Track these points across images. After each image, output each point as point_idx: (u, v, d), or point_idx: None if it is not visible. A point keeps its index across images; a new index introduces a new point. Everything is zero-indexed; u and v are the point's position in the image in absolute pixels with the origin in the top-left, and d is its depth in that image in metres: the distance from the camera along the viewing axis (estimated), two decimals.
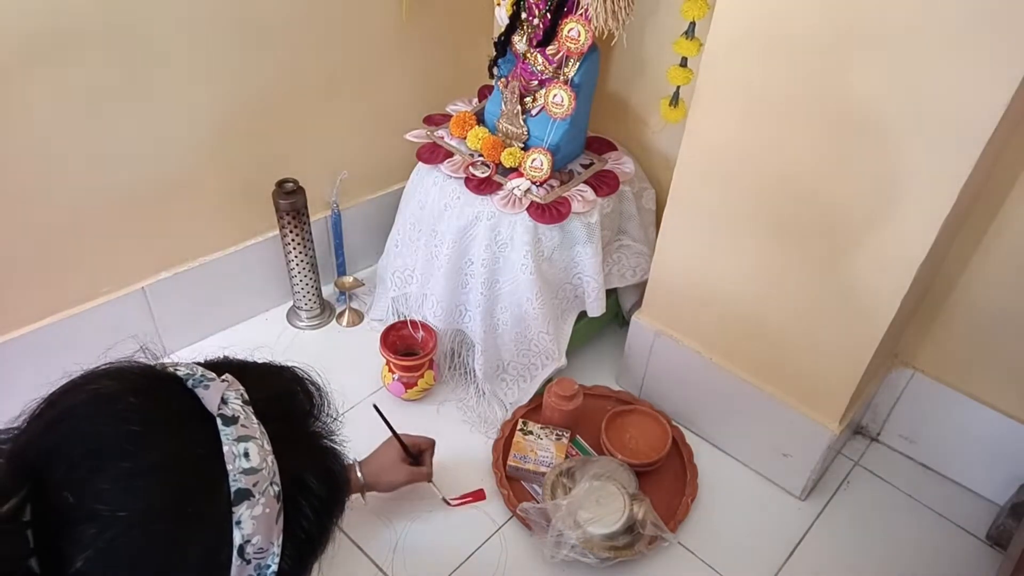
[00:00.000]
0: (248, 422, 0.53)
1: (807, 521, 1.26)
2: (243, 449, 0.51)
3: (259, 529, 0.50)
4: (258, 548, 0.50)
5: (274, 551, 0.51)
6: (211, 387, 0.54)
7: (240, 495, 0.50)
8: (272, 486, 0.51)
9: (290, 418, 0.59)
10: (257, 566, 0.51)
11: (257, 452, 0.51)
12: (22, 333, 1.23)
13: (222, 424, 0.51)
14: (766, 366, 1.24)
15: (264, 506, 0.50)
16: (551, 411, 1.30)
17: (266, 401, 0.56)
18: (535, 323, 1.31)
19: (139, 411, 0.51)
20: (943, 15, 0.84)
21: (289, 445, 0.55)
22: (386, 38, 1.45)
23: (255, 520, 0.50)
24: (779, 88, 1.01)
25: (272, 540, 0.51)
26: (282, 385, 0.61)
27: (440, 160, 1.34)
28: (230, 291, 1.48)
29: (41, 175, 1.14)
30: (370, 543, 1.17)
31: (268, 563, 0.51)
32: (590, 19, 1.17)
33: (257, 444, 0.52)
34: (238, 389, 0.55)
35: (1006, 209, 1.10)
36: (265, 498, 0.50)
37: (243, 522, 0.49)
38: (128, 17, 1.11)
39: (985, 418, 1.25)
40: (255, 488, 0.50)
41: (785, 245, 1.11)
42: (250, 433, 0.52)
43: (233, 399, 0.53)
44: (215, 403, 0.52)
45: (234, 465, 0.50)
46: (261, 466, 0.51)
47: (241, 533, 0.49)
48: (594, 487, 1.15)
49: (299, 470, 0.55)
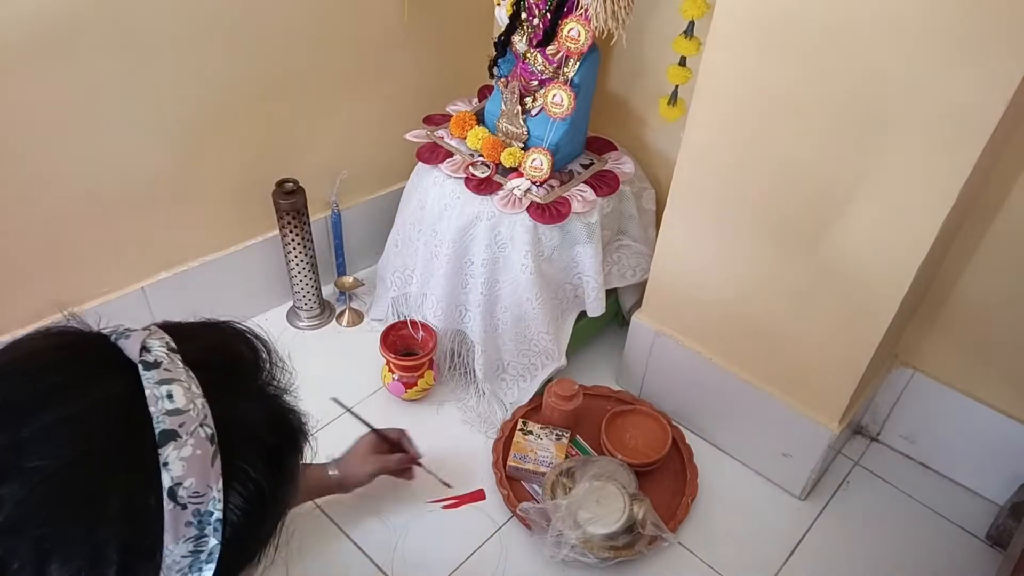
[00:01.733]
0: (172, 366, 0.52)
1: (807, 521, 1.26)
2: (166, 391, 0.50)
3: (191, 471, 0.48)
4: (193, 491, 0.48)
5: (214, 496, 0.49)
6: (131, 337, 0.53)
7: (165, 436, 0.48)
8: (203, 428, 0.50)
9: (229, 368, 0.57)
10: (196, 512, 0.49)
11: (183, 394, 0.50)
12: (22, 333, 1.22)
13: (143, 369, 0.51)
14: (766, 366, 1.24)
15: (194, 447, 0.49)
16: (551, 411, 1.30)
17: (199, 351, 0.55)
18: (535, 323, 1.31)
19: (60, 364, 0.51)
20: (943, 14, 0.84)
21: (227, 392, 0.54)
22: (386, 38, 1.45)
23: (184, 461, 0.48)
24: (779, 88, 1.01)
25: (209, 484, 0.49)
26: (217, 338, 0.60)
27: (440, 160, 1.34)
28: (230, 291, 1.48)
29: (41, 175, 1.14)
30: (370, 543, 1.17)
31: (209, 509, 0.49)
32: (590, 19, 1.17)
33: (183, 386, 0.51)
34: (162, 338, 0.54)
35: (1006, 209, 1.10)
36: (195, 439, 0.49)
37: (171, 463, 0.48)
38: (127, 17, 1.11)
39: (985, 418, 1.25)
40: (182, 428, 0.49)
41: (785, 244, 1.11)
42: (174, 376, 0.51)
43: (157, 347, 0.53)
44: (136, 351, 0.52)
45: (157, 407, 0.49)
46: (188, 408, 0.50)
47: (170, 475, 0.48)
48: (594, 487, 1.15)
49: (238, 415, 0.53)
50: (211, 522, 0.49)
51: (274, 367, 0.61)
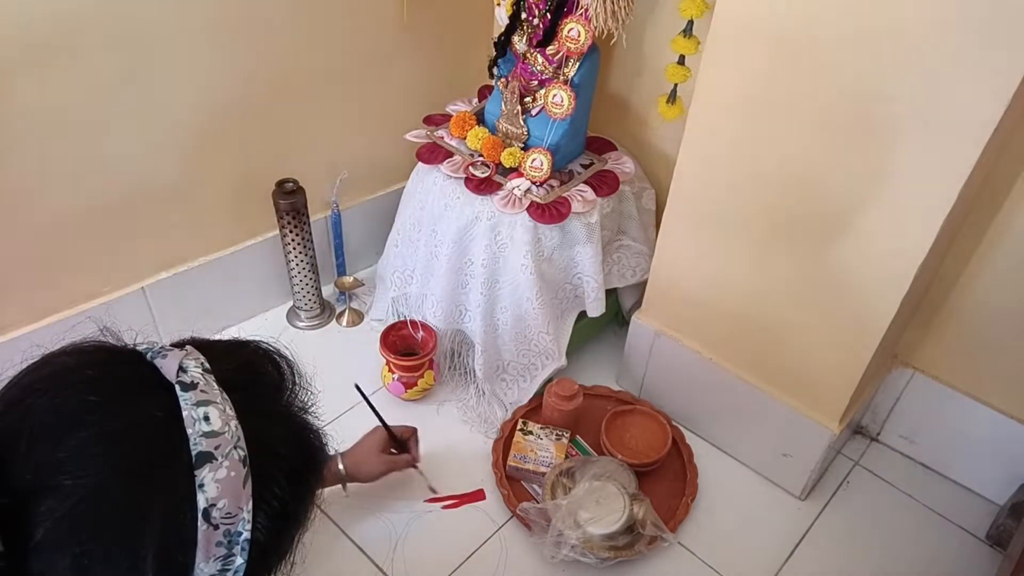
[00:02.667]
0: (208, 388, 0.52)
1: (807, 521, 1.26)
2: (203, 413, 0.50)
3: (224, 492, 0.49)
4: (225, 512, 0.49)
5: (244, 517, 0.50)
6: (169, 356, 0.53)
7: (202, 458, 0.49)
8: (236, 450, 0.50)
9: (256, 388, 0.58)
10: (227, 532, 0.50)
11: (218, 416, 0.51)
12: (22, 333, 1.23)
13: (180, 390, 0.51)
14: (766, 366, 1.24)
15: (228, 469, 0.50)
16: (551, 411, 1.30)
17: (230, 371, 0.56)
18: (535, 323, 1.31)
19: (96, 383, 0.51)
20: (944, 13, 0.84)
21: (255, 413, 0.54)
22: (386, 38, 1.45)
23: (219, 483, 0.49)
24: (778, 87, 1.01)
25: (240, 505, 0.50)
26: (247, 357, 0.61)
27: (440, 160, 1.34)
28: (230, 291, 1.48)
29: (41, 175, 1.14)
30: (370, 543, 1.17)
31: (239, 529, 0.50)
32: (590, 19, 1.17)
33: (218, 408, 0.51)
34: (198, 358, 0.55)
35: (1006, 209, 1.10)
36: (229, 461, 0.50)
37: (206, 485, 0.49)
38: (127, 17, 1.11)
39: (985, 418, 1.25)
40: (217, 451, 0.50)
41: (785, 244, 1.11)
42: (210, 398, 0.51)
43: (193, 367, 0.53)
44: (173, 371, 0.52)
45: (194, 429, 0.50)
46: (223, 430, 0.50)
47: (205, 496, 0.49)
48: (594, 487, 1.15)
49: (267, 437, 0.54)
50: (239, 542, 0.51)
51: (297, 386, 0.62)
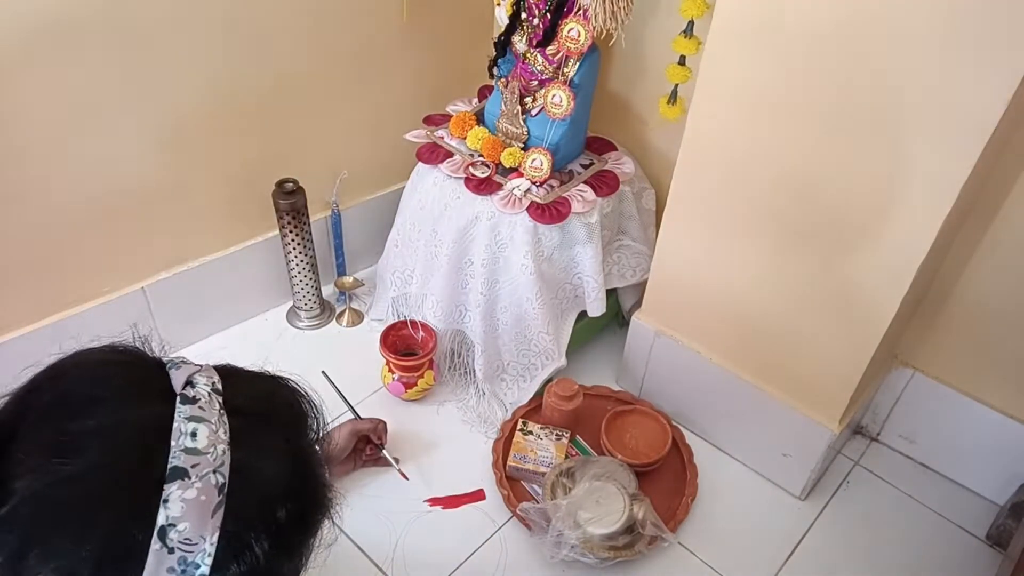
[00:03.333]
0: (208, 406, 0.52)
1: (807, 521, 1.26)
2: (191, 428, 0.50)
3: (188, 515, 0.47)
4: (184, 537, 0.47)
5: (205, 548, 0.47)
6: (182, 368, 0.54)
7: (175, 473, 0.47)
8: (215, 474, 0.49)
9: (265, 424, 0.56)
10: (182, 559, 0.46)
11: (206, 436, 0.50)
12: (22, 333, 1.23)
13: (180, 402, 0.51)
14: (766, 366, 1.24)
15: (200, 492, 0.47)
16: (551, 411, 1.30)
17: (245, 398, 0.55)
18: (535, 323, 1.31)
19: (111, 379, 0.53)
20: (944, 13, 0.84)
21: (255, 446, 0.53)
22: (386, 38, 1.45)
23: (185, 504, 0.47)
24: (779, 87, 1.01)
25: (204, 535, 0.47)
26: (267, 388, 0.60)
27: (440, 160, 1.34)
28: (230, 291, 1.48)
29: (41, 175, 1.14)
30: (370, 543, 1.16)
31: (196, 561, 0.47)
32: (590, 19, 1.17)
33: (209, 427, 0.50)
34: (210, 376, 0.54)
35: (1006, 209, 1.10)
36: (202, 483, 0.48)
37: (171, 502, 0.47)
38: (127, 16, 1.11)
39: (985, 418, 1.25)
40: (193, 470, 0.48)
41: (785, 244, 1.11)
42: (205, 416, 0.51)
43: (202, 384, 0.53)
44: (181, 382, 0.53)
45: (177, 442, 0.49)
46: (207, 450, 0.49)
47: (166, 513, 0.47)
48: (594, 487, 1.15)
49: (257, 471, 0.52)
50: (195, 574, 0.47)
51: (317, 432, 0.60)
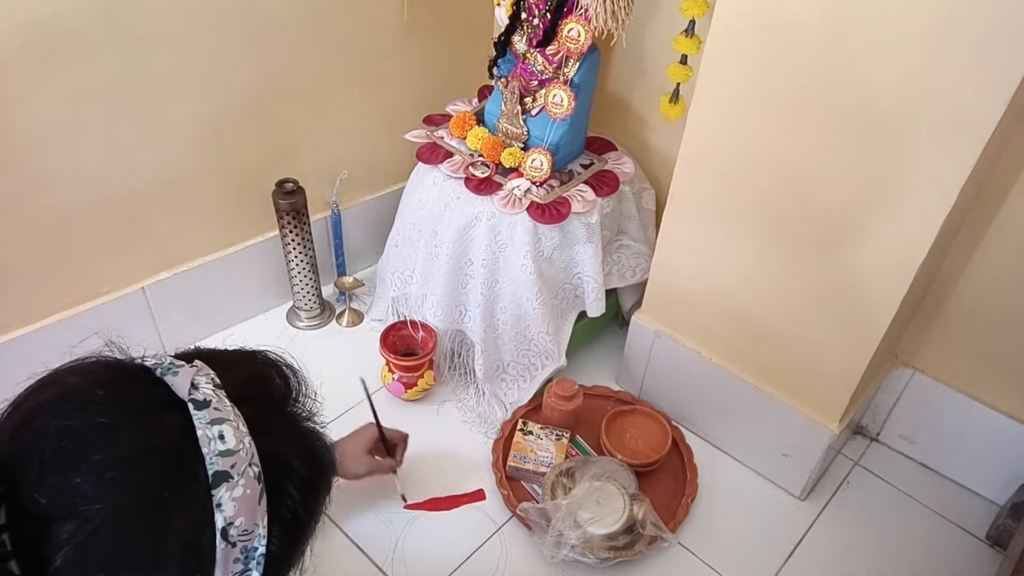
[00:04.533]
0: (221, 405, 0.52)
1: (807, 521, 1.26)
2: (218, 432, 0.51)
3: (241, 511, 0.50)
4: (243, 530, 0.50)
5: (260, 533, 0.51)
6: (180, 373, 0.53)
7: (219, 477, 0.49)
8: (251, 467, 0.51)
9: (266, 401, 0.59)
10: (244, 549, 0.50)
11: (233, 434, 0.51)
12: (22, 333, 1.23)
13: (194, 408, 0.51)
14: (766, 366, 1.24)
15: (244, 487, 0.50)
16: (551, 411, 1.30)
17: (239, 385, 0.56)
18: (535, 323, 1.31)
19: (107, 403, 0.51)
20: (944, 13, 0.84)
21: (266, 427, 0.55)
22: (386, 38, 1.45)
23: (236, 502, 0.49)
24: (779, 87, 1.01)
25: (256, 522, 0.51)
26: (255, 369, 0.61)
27: (440, 160, 1.34)
28: (230, 291, 1.48)
29: (41, 175, 1.14)
30: (370, 543, 1.17)
31: (255, 545, 0.51)
32: (590, 19, 1.17)
33: (232, 426, 0.51)
34: (208, 374, 0.55)
35: (1006, 209, 1.10)
36: (245, 479, 0.50)
37: (224, 504, 0.49)
38: (128, 17, 1.11)
39: (985, 418, 1.25)
40: (233, 470, 0.50)
41: (785, 244, 1.11)
42: (224, 415, 0.52)
43: (204, 384, 0.53)
44: (185, 389, 0.52)
45: (209, 448, 0.50)
46: (238, 448, 0.51)
47: (223, 516, 0.49)
48: (594, 487, 1.15)
49: (279, 451, 0.55)
50: (256, 556, 0.51)
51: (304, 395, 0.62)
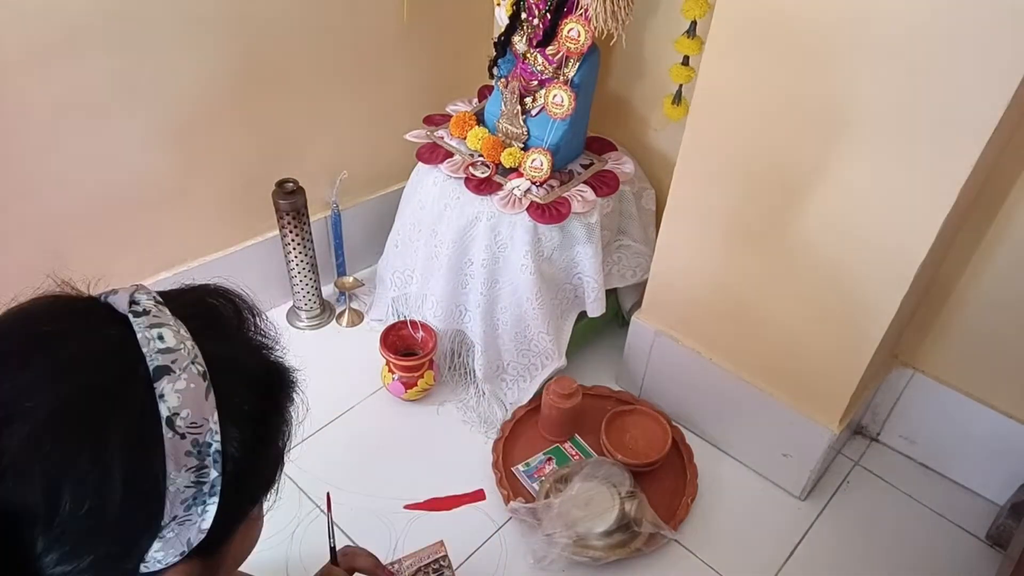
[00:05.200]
0: (160, 313, 0.54)
1: (807, 521, 1.26)
2: (156, 333, 0.52)
3: (186, 402, 0.50)
4: (191, 422, 0.50)
5: (211, 428, 0.51)
6: (119, 292, 0.55)
7: (159, 371, 0.50)
8: (194, 365, 0.52)
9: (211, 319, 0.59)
10: (195, 441, 0.50)
11: (172, 336, 0.52)
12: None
13: (133, 317, 0.52)
14: (766, 366, 1.24)
15: (188, 381, 0.51)
16: (550, 410, 1.30)
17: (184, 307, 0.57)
18: (535, 323, 1.31)
19: (51, 317, 0.54)
20: (944, 14, 0.84)
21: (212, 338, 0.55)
22: (386, 38, 1.45)
23: (179, 394, 0.50)
24: (779, 87, 1.01)
25: (205, 416, 0.51)
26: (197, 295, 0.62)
27: (440, 160, 1.34)
28: None
29: (41, 175, 1.14)
30: (370, 543, 1.16)
31: (207, 440, 0.51)
32: (590, 19, 1.17)
33: (172, 329, 0.52)
34: (148, 292, 0.56)
35: (1006, 209, 1.10)
36: (187, 374, 0.51)
37: (166, 395, 0.50)
38: (127, 17, 1.11)
39: (985, 418, 1.25)
40: (174, 364, 0.51)
41: (785, 244, 1.11)
42: (163, 321, 0.53)
43: (145, 299, 0.55)
44: (125, 303, 0.54)
45: (149, 347, 0.51)
46: (178, 346, 0.52)
47: (166, 405, 0.49)
48: (584, 488, 1.15)
49: (225, 356, 0.55)
50: (210, 453, 0.51)
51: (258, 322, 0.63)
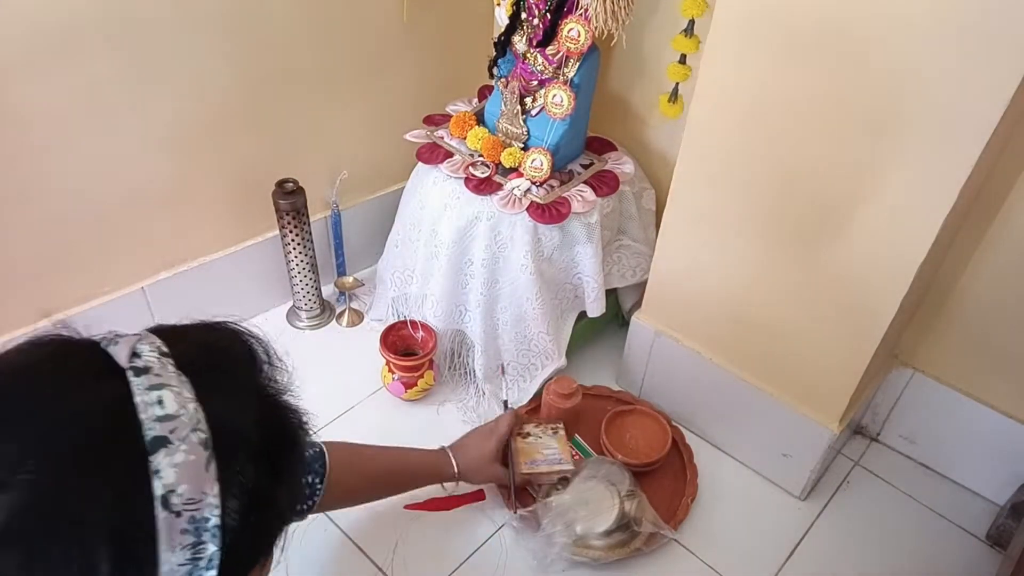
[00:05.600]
0: (163, 371, 0.50)
1: (807, 521, 1.26)
2: (156, 397, 0.49)
3: (184, 477, 0.47)
4: (187, 499, 0.47)
5: (210, 502, 0.48)
6: (121, 342, 0.52)
7: (156, 443, 0.47)
8: (195, 432, 0.49)
9: (221, 369, 0.56)
10: (192, 519, 0.47)
11: (173, 399, 0.49)
12: (22, 333, 1.23)
13: (132, 375, 0.49)
14: (766, 366, 1.24)
15: (187, 453, 0.48)
16: (549, 409, 1.30)
17: (192, 351, 0.54)
18: (535, 323, 1.31)
19: (48, 375, 0.50)
20: (944, 14, 0.84)
21: (219, 394, 0.52)
22: (386, 38, 1.45)
23: (176, 468, 0.47)
24: (778, 87, 1.01)
25: (204, 490, 0.48)
26: (210, 337, 0.59)
27: (440, 160, 1.34)
28: (230, 291, 1.48)
29: (41, 175, 1.14)
30: (370, 543, 1.17)
31: (206, 515, 0.48)
32: (590, 19, 1.17)
33: (173, 391, 0.49)
34: (153, 342, 0.53)
35: (1006, 209, 1.10)
36: (187, 445, 0.48)
37: (162, 471, 0.47)
38: (127, 18, 1.11)
39: (985, 418, 1.25)
40: (173, 435, 0.48)
41: (785, 244, 1.11)
42: (164, 381, 0.50)
43: (147, 352, 0.51)
44: (125, 356, 0.51)
45: (147, 414, 0.48)
46: (179, 412, 0.49)
47: (162, 482, 0.46)
48: (583, 488, 1.15)
49: (231, 418, 0.52)
50: (208, 528, 0.48)
51: (272, 367, 0.59)
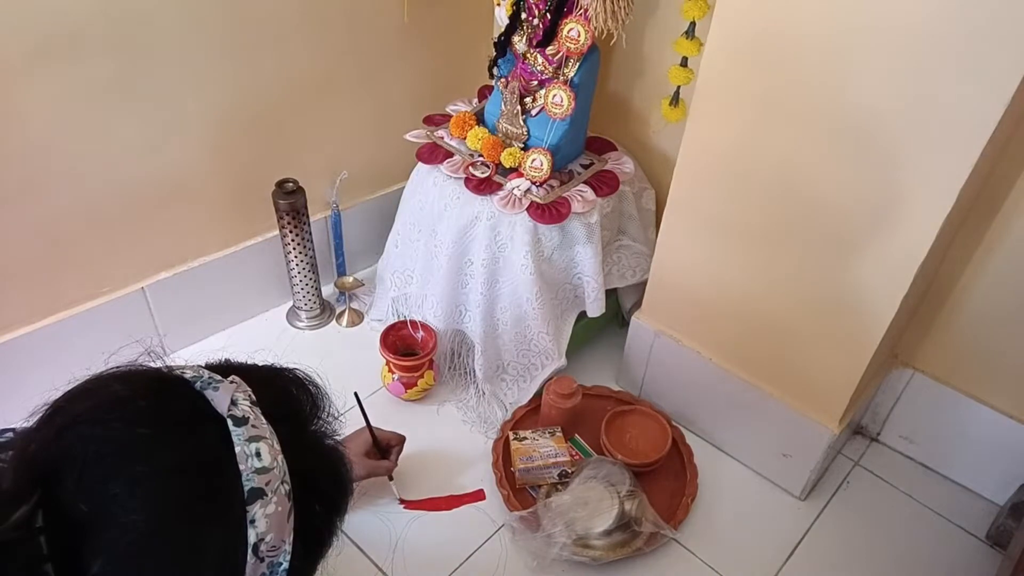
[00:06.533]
0: (258, 423, 0.54)
1: (807, 521, 1.27)
2: (255, 449, 0.52)
3: (272, 527, 0.51)
4: (271, 546, 0.51)
5: (286, 549, 0.52)
6: (220, 389, 0.55)
7: (254, 494, 0.51)
8: (283, 484, 0.53)
9: (294, 419, 0.60)
10: (271, 563, 0.52)
11: (268, 451, 0.53)
12: (22, 333, 1.23)
13: (233, 425, 0.53)
14: (766, 366, 1.24)
15: (277, 504, 0.52)
16: (549, 409, 1.30)
17: (271, 402, 0.57)
18: (535, 323, 1.31)
19: (149, 414, 0.52)
20: (944, 16, 0.84)
21: (295, 445, 0.56)
22: (386, 38, 1.45)
23: (268, 519, 0.51)
24: (779, 88, 1.01)
25: (284, 538, 0.52)
26: (286, 387, 0.63)
27: (440, 160, 1.34)
28: (230, 291, 1.48)
29: (41, 175, 1.14)
30: (370, 543, 1.17)
31: (280, 561, 0.52)
32: (590, 19, 1.17)
33: (268, 444, 0.53)
34: (246, 391, 0.56)
35: (1006, 209, 1.10)
36: (277, 497, 0.52)
37: (257, 521, 0.51)
38: (128, 17, 1.11)
39: (985, 418, 1.25)
40: (268, 487, 0.51)
41: (785, 245, 1.11)
42: (260, 433, 0.53)
43: (242, 400, 0.55)
44: (225, 405, 0.53)
45: (247, 465, 0.51)
46: (272, 465, 0.52)
47: (255, 532, 0.51)
48: (583, 488, 1.15)
49: (307, 469, 0.56)
50: (279, 572, 0.53)
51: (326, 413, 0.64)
